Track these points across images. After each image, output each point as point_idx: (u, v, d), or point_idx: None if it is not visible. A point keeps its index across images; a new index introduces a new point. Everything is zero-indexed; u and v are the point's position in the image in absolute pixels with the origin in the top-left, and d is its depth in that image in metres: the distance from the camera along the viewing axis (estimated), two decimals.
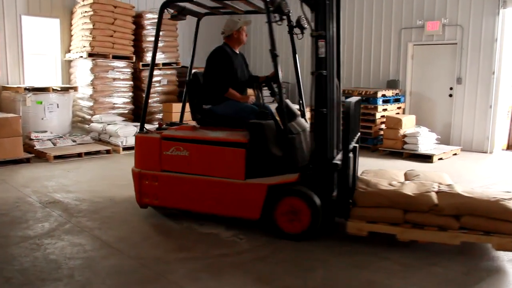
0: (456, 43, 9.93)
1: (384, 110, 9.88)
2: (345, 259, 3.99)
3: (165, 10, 5.25)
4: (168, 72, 11.08)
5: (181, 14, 5.51)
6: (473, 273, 3.74)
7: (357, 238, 4.30)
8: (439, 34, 10.10)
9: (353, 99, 4.81)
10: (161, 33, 10.57)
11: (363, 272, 3.74)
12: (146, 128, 5.09)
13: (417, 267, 3.85)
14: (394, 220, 4.14)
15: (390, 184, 4.50)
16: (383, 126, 9.67)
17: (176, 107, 9.94)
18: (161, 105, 10.65)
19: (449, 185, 4.50)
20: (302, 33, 5.10)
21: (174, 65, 11.21)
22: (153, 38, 10.49)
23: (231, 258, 3.98)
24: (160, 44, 10.76)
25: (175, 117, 9.74)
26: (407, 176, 5.06)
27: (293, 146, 4.41)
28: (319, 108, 4.36)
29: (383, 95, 9.84)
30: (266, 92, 5.48)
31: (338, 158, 4.48)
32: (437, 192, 4.24)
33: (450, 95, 10.15)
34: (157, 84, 10.83)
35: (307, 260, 3.96)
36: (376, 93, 9.68)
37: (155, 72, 10.79)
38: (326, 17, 4.35)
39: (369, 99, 9.82)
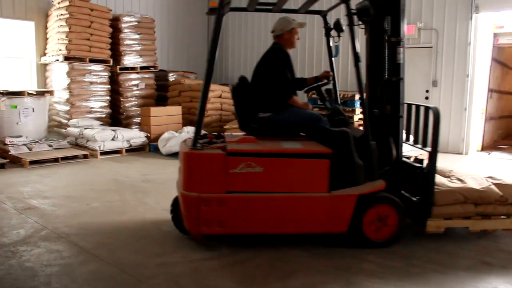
0: (432, 47, 10.10)
1: (362, 112, 9.96)
2: (324, 262, 4.01)
3: None
4: (146, 75, 11.03)
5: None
6: (450, 273, 3.80)
7: (335, 242, 4.33)
8: (414, 38, 10.25)
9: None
10: (138, 36, 10.68)
11: (343, 274, 3.76)
12: (200, 143, 4.21)
13: (396, 268, 3.89)
14: (467, 214, 4.43)
15: (451, 181, 4.73)
16: (361, 128, 9.74)
17: (155, 111, 9.88)
18: (139, 109, 10.56)
19: (496, 178, 4.88)
20: (339, 36, 5.03)
21: (152, 68, 11.15)
22: (131, 42, 10.59)
23: (211, 262, 3.96)
24: (137, 48, 10.75)
25: (154, 121, 9.70)
26: (442, 173, 5.08)
27: (373, 153, 4.35)
28: (395, 113, 4.52)
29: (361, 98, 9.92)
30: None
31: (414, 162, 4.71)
32: (495, 185, 4.62)
33: (426, 98, 10.31)
34: (135, 88, 10.76)
35: (287, 263, 3.97)
36: (353, 96, 9.77)
37: (132, 76, 10.72)
38: (403, 23, 4.46)
39: (347, 102, 9.90)
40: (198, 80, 12.18)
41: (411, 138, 5.01)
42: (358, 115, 9.86)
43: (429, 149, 4.47)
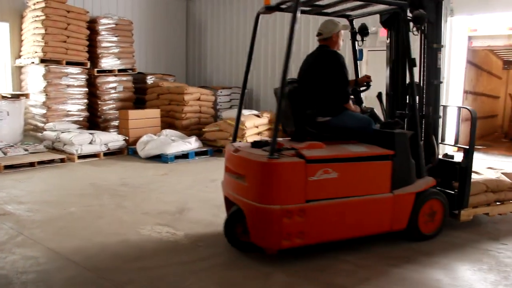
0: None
1: None
2: (305, 263, 4.03)
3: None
4: (124, 78, 10.92)
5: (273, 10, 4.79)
6: (428, 271, 3.86)
7: (317, 244, 4.36)
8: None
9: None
10: (116, 38, 10.58)
11: (322, 275, 3.79)
12: (277, 152, 3.93)
13: (375, 268, 3.93)
14: (488, 201, 5.02)
15: None
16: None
17: (133, 114, 9.81)
18: (117, 112, 10.47)
19: (496, 168, 5.61)
20: (363, 40, 5.35)
21: (130, 71, 11.06)
22: (108, 44, 10.49)
23: (190, 265, 3.95)
24: (115, 50, 10.65)
25: (132, 125, 9.63)
26: None
27: (422, 152, 4.60)
28: (434, 114, 4.88)
29: None
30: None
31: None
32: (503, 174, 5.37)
33: None
34: (113, 91, 10.65)
35: (266, 264, 3.98)
36: None
37: (110, 79, 10.62)
38: (442, 30, 4.78)
39: None
40: (176, 82, 12.14)
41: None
42: None
43: (466, 146, 4.91)
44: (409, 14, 4.58)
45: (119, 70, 10.72)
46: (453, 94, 10.09)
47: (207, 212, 5.49)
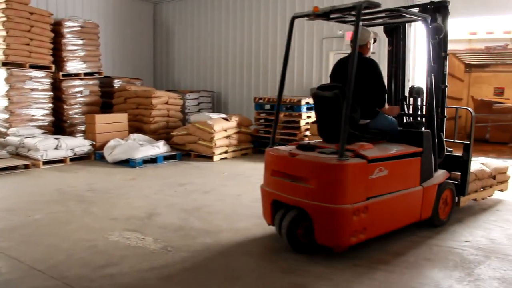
0: (374, 52, 10.38)
1: (308, 117, 10.13)
2: (274, 265, 4.05)
3: None
4: (90, 82, 10.77)
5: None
6: (395, 271, 3.93)
7: (286, 246, 4.38)
8: None
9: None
10: (81, 41, 10.41)
11: (291, 277, 3.81)
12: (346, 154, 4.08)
13: (342, 269, 3.97)
14: (477, 188, 5.81)
15: None
16: (308, 133, 9.90)
17: (100, 118, 9.65)
18: (83, 116, 10.29)
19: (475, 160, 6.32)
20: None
21: (97, 75, 10.90)
22: (74, 47, 10.32)
23: (160, 271, 3.91)
24: (81, 53, 10.50)
25: (99, 129, 9.48)
26: None
27: (436, 148, 5.05)
28: (442, 114, 5.33)
29: (307, 103, 10.09)
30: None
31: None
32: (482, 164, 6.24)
33: None
34: (79, 95, 10.47)
35: (235, 268, 3.98)
36: (300, 100, 9.92)
37: (76, 82, 10.44)
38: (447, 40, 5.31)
39: (294, 107, 10.04)
40: (144, 86, 12.03)
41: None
42: (304, 120, 9.99)
43: (467, 142, 5.63)
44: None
45: (85, 74, 10.56)
46: None
47: (176, 217, 5.45)
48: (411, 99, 5.51)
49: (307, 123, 10.01)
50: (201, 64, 13.47)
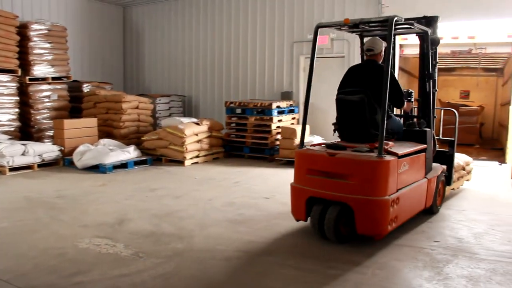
0: (344, 56, 10.55)
1: (279, 121, 10.19)
2: (247, 268, 4.05)
3: None
4: (59, 86, 10.57)
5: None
6: (367, 272, 3.98)
7: (259, 250, 4.38)
8: (328, 48, 10.68)
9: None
10: (49, 45, 10.21)
11: (264, 280, 3.81)
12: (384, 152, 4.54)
13: (315, 271, 4.00)
14: (454, 179, 6.51)
15: None
16: (279, 136, 9.95)
17: (68, 123, 9.48)
18: (52, 121, 10.08)
19: None
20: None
21: (65, 79, 10.70)
22: (41, 51, 10.13)
23: (131, 278, 3.86)
24: (48, 57, 10.30)
25: (68, 134, 9.31)
26: None
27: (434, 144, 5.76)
28: (433, 115, 5.80)
29: (278, 107, 10.15)
30: None
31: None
32: None
33: None
34: (46, 100, 10.27)
35: (207, 273, 3.96)
36: (271, 104, 9.96)
37: (43, 87, 10.24)
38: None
39: (265, 111, 10.07)
40: (113, 91, 11.88)
41: None
42: (275, 123, 10.03)
43: (452, 138, 6.40)
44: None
45: (53, 78, 10.35)
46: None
47: (148, 222, 5.39)
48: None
49: (278, 127, 10.06)
50: (172, 68, 13.39)
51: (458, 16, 9.30)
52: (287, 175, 8.33)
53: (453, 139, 6.37)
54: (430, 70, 5.67)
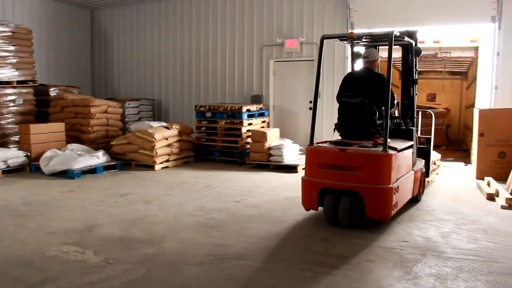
0: (313, 60, 10.66)
1: (250, 124, 10.21)
2: (217, 273, 4.03)
3: None
4: (24, 90, 10.29)
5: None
6: (339, 273, 4.01)
7: (231, 254, 4.37)
8: (297, 51, 10.76)
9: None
10: (13, 47, 9.97)
11: (235, 285, 3.80)
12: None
13: (287, 274, 4.02)
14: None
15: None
16: (249, 140, 9.96)
17: (35, 128, 9.26)
18: (17, 126, 9.83)
19: None
20: (355, 61, 6.98)
21: (31, 83, 10.44)
22: (5, 53, 9.94)
23: (101, 285, 3.79)
24: (13, 60, 10.05)
25: (34, 139, 9.11)
26: None
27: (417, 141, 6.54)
28: (413, 117, 6.56)
29: (248, 110, 10.17)
30: None
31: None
32: None
33: (310, 108, 10.82)
34: (11, 104, 10.00)
35: (178, 278, 3.93)
36: (241, 108, 9.97)
37: (8, 91, 9.96)
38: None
39: (235, 114, 10.08)
40: (81, 95, 11.68)
41: None
42: (246, 127, 10.05)
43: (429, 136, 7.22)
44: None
45: (18, 82, 10.09)
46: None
47: (117, 228, 5.31)
48: None
49: (248, 131, 10.07)
50: (141, 72, 13.26)
51: (423, 21, 9.53)
52: (258, 178, 8.35)
53: (430, 136, 7.17)
54: (415, 76, 6.44)
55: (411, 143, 6.05)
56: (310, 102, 10.79)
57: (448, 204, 6.46)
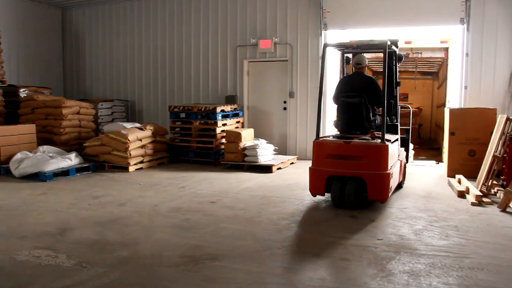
0: (287, 60, 10.71)
1: (224, 124, 10.19)
2: (192, 275, 4.01)
3: None
4: None
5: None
6: (313, 271, 4.04)
7: (206, 255, 4.35)
8: (271, 52, 10.80)
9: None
10: None
11: (210, 286, 3.79)
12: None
13: (262, 274, 4.02)
14: None
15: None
16: (223, 140, 9.95)
17: (4, 130, 9.05)
18: None
19: None
20: (345, 66, 7.88)
21: (0, 83, 10.22)
22: None
23: None
24: None
25: (3, 142, 8.91)
26: None
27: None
28: (397, 114, 7.37)
29: (222, 110, 10.15)
30: None
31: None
32: None
33: (285, 108, 10.88)
34: None
35: (155, 280, 3.90)
36: (215, 108, 9.95)
37: None
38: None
39: (209, 115, 10.05)
40: (53, 96, 11.47)
41: None
42: (220, 127, 10.03)
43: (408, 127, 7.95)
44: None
45: None
46: (329, 102, 10.71)
47: (91, 231, 5.24)
48: None
49: (223, 131, 10.05)
50: (114, 72, 13.10)
51: (395, 23, 9.71)
52: (233, 179, 8.35)
53: (408, 127, 7.91)
54: (397, 79, 7.20)
55: (397, 136, 6.98)
56: (285, 102, 10.85)
57: (421, 202, 6.57)
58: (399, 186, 7.22)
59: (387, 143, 6.03)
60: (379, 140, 6.11)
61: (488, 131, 7.93)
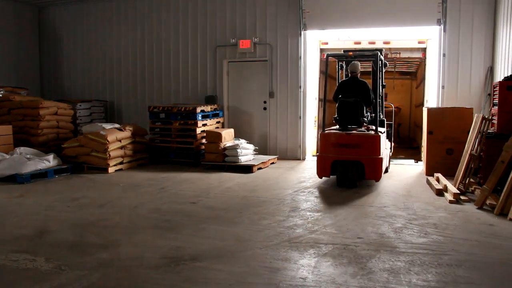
0: (267, 60, 10.73)
1: (204, 125, 10.16)
2: (173, 276, 3.99)
3: None
4: None
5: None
6: (294, 271, 4.06)
7: (187, 255, 4.33)
8: (251, 52, 10.81)
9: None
10: None
11: (192, 287, 3.78)
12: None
13: (242, 274, 4.02)
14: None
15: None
16: (204, 140, 9.91)
17: None
18: None
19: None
20: (340, 72, 9.09)
21: None
22: None
23: None
24: None
25: None
26: None
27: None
28: (383, 111, 8.86)
29: (202, 111, 10.12)
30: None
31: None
32: None
33: (265, 108, 10.90)
34: None
35: (136, 282, 3.87)
36: (195, 108, 9.91)
37: None
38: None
39: (189, 115, 10.00)
40: (30, 96, 11.28)
41: None
42: (200, 128, 10.00)
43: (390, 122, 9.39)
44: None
45: None
46: (309, 102, 10.79)
47: (70, 233, 5.17)
48: None
49: (203, 131, 10.02)
50: (93, 73, 12.93)
51: (374, 23, 9.82)
52: (213, 179, 8.34)
53: (391, 122, 9.29)
54: (383, 82, 8.42)
55: (384, 129, 8.31)
56: (265, 102, 10.87)
57: (400, 200, 6.65)
58: (386, 171, 8.50)
59: (380, 134, 7.44)
60: (373, 132, 7.51)
61: (465, 130, 8.06)
